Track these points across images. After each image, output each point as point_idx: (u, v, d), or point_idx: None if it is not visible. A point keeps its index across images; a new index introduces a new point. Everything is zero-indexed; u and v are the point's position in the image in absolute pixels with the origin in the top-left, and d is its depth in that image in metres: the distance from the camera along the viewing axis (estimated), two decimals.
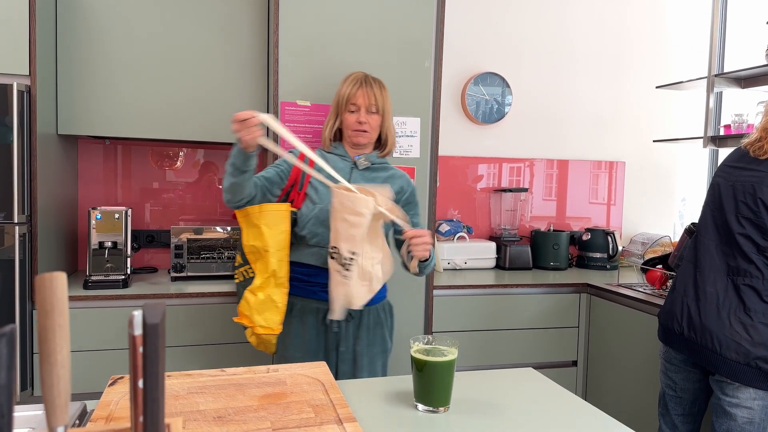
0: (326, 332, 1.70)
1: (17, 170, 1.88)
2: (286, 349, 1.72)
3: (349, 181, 1.60)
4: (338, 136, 1.79)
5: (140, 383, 0.48)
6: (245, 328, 1.73)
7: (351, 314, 1.68)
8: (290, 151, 1.68)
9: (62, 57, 2.15)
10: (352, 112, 1.70)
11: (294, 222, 1.70)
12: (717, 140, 2.62)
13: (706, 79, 2.63)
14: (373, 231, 1.48)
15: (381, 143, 1.79)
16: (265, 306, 1.67)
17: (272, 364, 1.29)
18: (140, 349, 0.48)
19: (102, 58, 2.19)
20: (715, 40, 2.59)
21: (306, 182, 1.71)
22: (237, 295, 1.76)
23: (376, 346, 1.75)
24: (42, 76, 1.99)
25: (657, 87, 2.89)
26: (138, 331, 0.48)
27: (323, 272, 1.62)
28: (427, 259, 1.56)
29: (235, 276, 1.78)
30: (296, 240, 1.71)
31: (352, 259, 1.46)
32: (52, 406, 0.44)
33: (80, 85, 2.18)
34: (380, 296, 1.77)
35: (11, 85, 1.85)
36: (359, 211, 1.41)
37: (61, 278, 0.44)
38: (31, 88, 1.92)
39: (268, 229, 1.64)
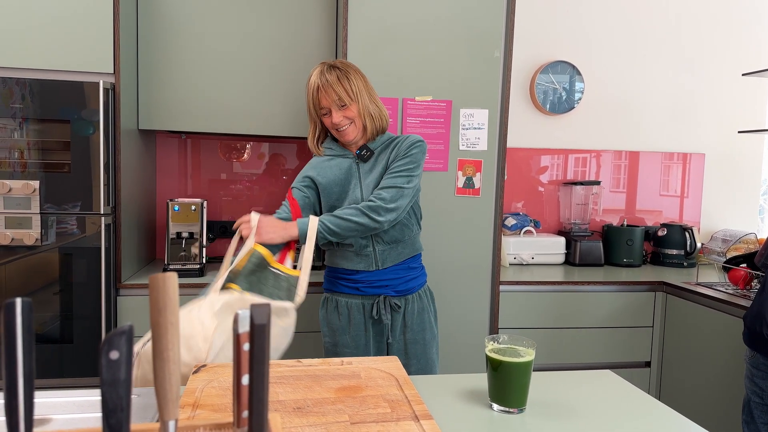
0: (373, 326, 1.73)
1: (103, 164, 1.99)
2: (336, 346, 1.74)
3: (359, 174, 1.68)
4: (330, 134, 1.77)
5: (244, 380, 0.49)
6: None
7: (397, 304, 1.70)
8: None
9: (143, 56, 2.25)
10: (325, 115, 1.66)
11: None
12: None
13: None
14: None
15: (366, 126, 1.70)
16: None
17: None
18: (244, 347, 0.49)
19: (178, 56, 2.27)
20: None
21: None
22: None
23: (426, 332, 1.75)
24: (125, 74, 2.09)
25: (743, 74, 2.71)
26: (243, 329, 0.49)
27: (361, 271, 1.69)
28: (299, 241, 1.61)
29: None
30: (336, 246, 1.72)
31: None
32: (164, 400, 0.46)
33: (159, 82, 2.27)
34: (421, 281, 1.78)
35: (98, 83, 1.96)
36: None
37: (173, 279, 0.46)
38: (115, 85, 2.02)
39: None
